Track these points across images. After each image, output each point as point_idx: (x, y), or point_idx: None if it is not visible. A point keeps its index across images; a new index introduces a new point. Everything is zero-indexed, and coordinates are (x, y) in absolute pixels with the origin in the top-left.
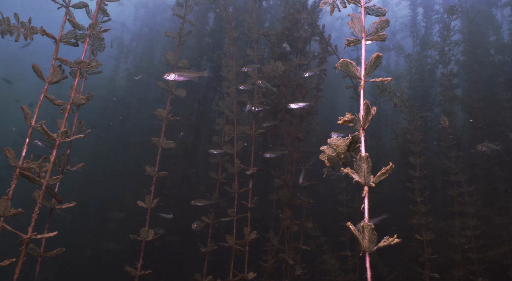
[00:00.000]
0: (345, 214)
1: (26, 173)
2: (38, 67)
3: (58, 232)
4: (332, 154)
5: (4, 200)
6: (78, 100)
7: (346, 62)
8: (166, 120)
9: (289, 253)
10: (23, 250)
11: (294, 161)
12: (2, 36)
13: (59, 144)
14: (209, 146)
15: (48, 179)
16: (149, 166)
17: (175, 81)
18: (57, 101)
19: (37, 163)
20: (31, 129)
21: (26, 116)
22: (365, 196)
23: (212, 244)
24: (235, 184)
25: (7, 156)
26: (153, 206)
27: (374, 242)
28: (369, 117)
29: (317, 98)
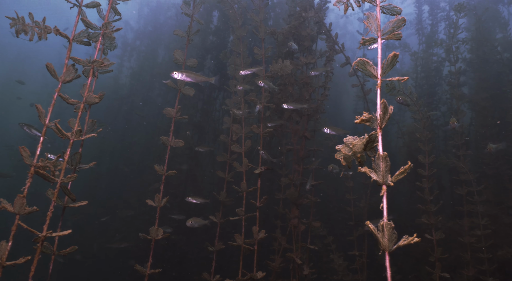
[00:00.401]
0: (352, 213)
1: (41, 171)
2: (51, 66)
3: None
4: (348, 153)
5: (19, 198)
6: (91, 99)
7: (363, 61)
8: (175, 118)
9: (296, 253)
10: (38, 248)
11: (301, 160)
12: (17, 35)
13: (72, 143)
14: (213, 145)
15: (62, 177)
16: (158, 165)
17: (183, 80)
18: (70, 100)
19: (52, 161)
20: (45, 127)
21: (40, 114)
22: (383, 195)
23: (220, 243)
24: (243, 183)
25: (22, 155)
26: (162, 205)
27: (393, 241)
28: (387, 116)
29: (324, 96)
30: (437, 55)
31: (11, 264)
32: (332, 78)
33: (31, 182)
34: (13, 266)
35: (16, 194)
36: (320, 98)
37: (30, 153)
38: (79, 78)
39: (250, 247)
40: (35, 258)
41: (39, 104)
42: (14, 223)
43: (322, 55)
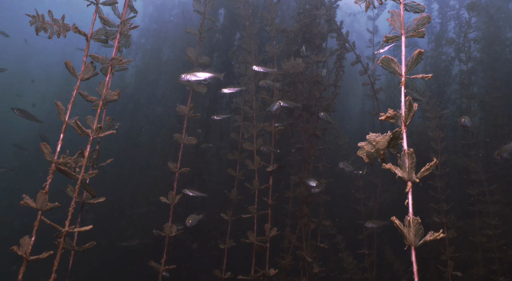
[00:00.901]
0: (362, 212)
1: (63, 167)
2: (70, 64)
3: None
4: (371, 150)
5: (41, 194)
6: (110, 96)
7: (388, 58)
8: (188, 116)
9: (306, 251)
10: (61, 242)
11: (311, 159)
12: (36, 33)
13: (93, 141)
14: (220, 143)
15: (83, 173)
16: (172, 162)
17: (192, 81)
18: (90, 97)
19: (73, 158)
20: (65, 124)
21: (60, 112)
22: (409, 191)
23: (231, 240)
24: (255, 181)
25: (43, 151)
26: (175, 202)
27: (420, 236)
28: (411, 113)
29: (335, 95)
30: (446, 54)
31: (34, 259)
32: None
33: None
34: (36, 261)
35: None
36: (331, 97)
37: (51, 150)
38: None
39: (262, 244)
40: (58, 253)
41: (41, 102)
42: (37, 218)
43: (333, 53)
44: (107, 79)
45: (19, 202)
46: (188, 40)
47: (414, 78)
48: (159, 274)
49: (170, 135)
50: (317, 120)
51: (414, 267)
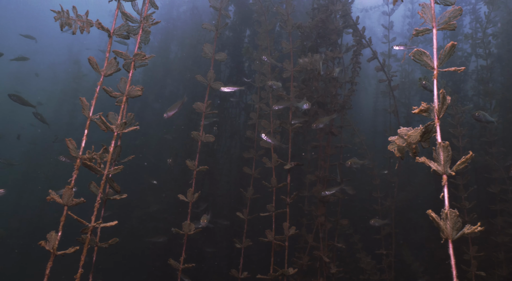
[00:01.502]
0: (379, 211)
1: (88, 163)
2: (94, 60)
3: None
4: (402, 144)
5: (68, 189)
6: (134, 92)
7: (420, 51)
8: (205, 113)
9: (323, 251)
10: (87, 238)
11: (328, 157)
12: (61, 28)
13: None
14: (231, 142)
15: (108, 169)
16: (190, 160)
17: (213, 75)
18: (113, 93)
19: (99, 153)
20: (89, 120)
21: (84, 107)
22: (445, 185)
23: (247, 240)
24: (273, 179)
25: (69, 147)
26: (194, 200)
27: (458, 229)
28: (445, 106)
29: (351, 92)
30: (462, 50)
31: (61, 254)
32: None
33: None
34: (63, 256)
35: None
36: (347, 94)
37: (76, 145)
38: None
39: (281, 243)
40: (84, 248)
41: (48, 101)
42: (63, 214)
43: (349, 49)
44: (130, 75)
45: (46, 197)
46: (198, 37)
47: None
48: (178, 272)
49: (180, 134)
50: (333, 118)
51: (452, 261)
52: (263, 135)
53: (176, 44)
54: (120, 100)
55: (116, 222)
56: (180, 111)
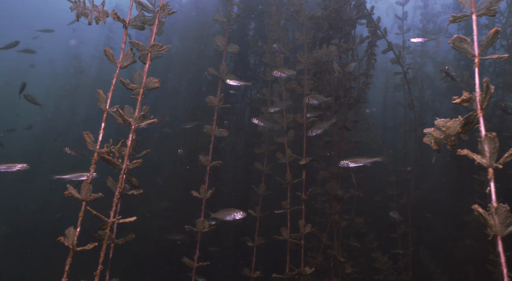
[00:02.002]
0: (396, 209)
1: (107, 156)
2: (110, 51)
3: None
4: (439, 136)
5: (86, 184)
6: (151, 83)
7: (460, 38)
8: (218, 107)
9: (338, 250)
10: (106, 233)
11: (342, 153)
12: (77, 19)
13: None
14: (235, 138)
15: (127, 163)
16: (203, 155)
17: (226, 68)
18: (130, 85)
19: (117, 147)
20: (106, 113)
21: (101, 100)
22: (491, 178)
23: (260, 238)
24: (288, 174)
25: (86, 140)
26: (208, 197)
27: (507, 224)
28: (488, 96)
29: (366, 85)
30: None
31: (80, 250)
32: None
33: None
34: (82, 252)
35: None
36: (362, 87)
37: (93, 139)
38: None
39: (297, 242)
40: (103, 244)
41: (48, 97)
42: (81, 209)
43: (363, 40)
44: (147, 66)
45: (64, 192)
46: (202, 30)
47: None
48: (192, 271)
49: (184, 129)
50: (347, 112)
51: (501, 258)
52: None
53: (178, 37)
54: (137, 93)
55: (135, 217)
56: (187, 107)
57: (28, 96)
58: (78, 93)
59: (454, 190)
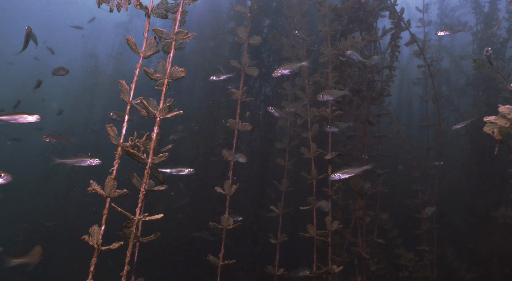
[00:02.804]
0: (420, 205)
1: (132, 150)
2: (132, 40)
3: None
4: (504, 125)
5: (110, 180)
6: (177, 73)
7: None
8: (240, 100)
9: (362, 247)
10: (132, 232)
11: (365, 148)
12: (98, 5)
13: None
14: (251, 135)
15: (152, 157)
16: (227, 150)
17: (248, 60)
18: (155, 75)
19: (141, 140)
20: (129, 105)
21: (124, 91)
22: None
23: (283, 235)
24: (313, 170)
25: (110, 134)
26: (232, 193)
27: None
28: None
29: (389, 78)
30: (497, 36)
31: (105, 249)
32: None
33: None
34: (107, 251)
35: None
36: (385, 80)
37: (117, 132)
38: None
39: (324, 239)
40: (130, 243)
41: (65, 96)
42: (105, 206)
43: (386, 32)
44: (171, 55)
45: (87, 188)
46: (216, 28)
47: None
48: (217, 269)
49: (200, 126)
50: (369, 106)
51: None
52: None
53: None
54: (161, 83)
55: (162, 214)
56: (202, 105)
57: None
58: (95, 92)
59: (476, 185)
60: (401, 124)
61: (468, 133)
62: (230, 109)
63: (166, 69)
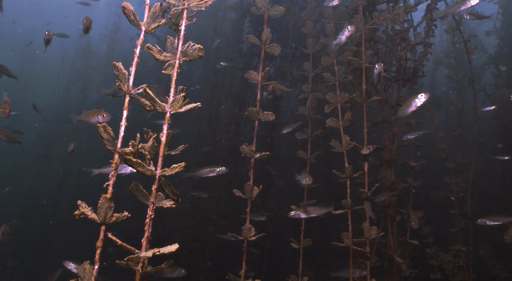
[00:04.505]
0: (455, 199)
1: (134, 159)
2: (130, 8)
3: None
4: None
5: (105, 200)
6: (193, 51)
7: None
8: (261, 84)
9: (393, 249)
10: (138, 273)
11: (395, 136)
12: None
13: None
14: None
15: (162, 168)
16: (246, 145)
17: (270, 34)
18: (162, 55)
19: (147, 145)
20: (128, 96)
21: (121, 78)
22: None
23: (307, 239)
24: (348, 167)
25: (103, 136)
26: (253, 197)
27: None
28: None
29: (424, 56)
30: None
31: None
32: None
33: None
34: None
35: None
36: (419, 58)
37: (113, 134)
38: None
39: (363, 249)
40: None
41: (57, 78)
42: (100, 236)
43: (418, 3)
44: (183, 26)
45: (74, 212)
46: (217, 4)
47: None
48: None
49: (201, 110)
50: (401, 88)
51: None
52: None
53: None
54: (171, 65)
55: (177, 245)
56: (203, 86)
57: (1, 67)
58: (88, 75)
59: (504, 177)
60: (433, 109)
61: (498, 117)
62: (233, 91)
63: (176, 47)
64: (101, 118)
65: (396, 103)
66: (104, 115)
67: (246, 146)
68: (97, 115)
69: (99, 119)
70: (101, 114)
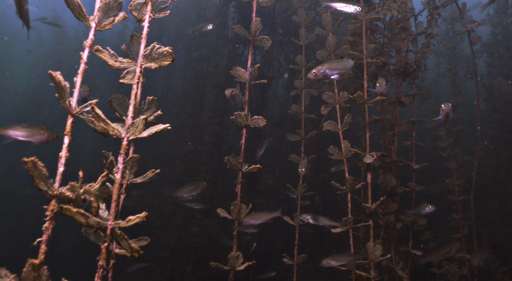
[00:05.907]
0: (458, 203)
1: (74, 209)
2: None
3: None
4: None
5: (33, 268)
6: (158, 56)
7: None
8: (249, 83)
9: (394, 261)
10: None
11: (395, 136)
12: None
13: None
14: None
15: (115, 220)
16: (233, 156)
17: (260, 25)
18: (117, 61)
19: (93, 188)
20: (71, 118)
21: (62, 93)
22: None
23: (302, 256)
24: (349, 178)
25: (32, 175)
26: (241, 219)
27: None
28: None
29: (426, 48)
30: None
31: None
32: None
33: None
34: None
35: None
36: (421, 50)
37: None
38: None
39: (367, 275)
40: None
41: (33, 64)
42: None
43: None
44: (147, 23)
45: None
46: None
47: None
48: None
49: (183, 101)
50: (401, 83)
51: None
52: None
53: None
54: (131, 72)
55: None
56: (186, 74)
57: None
58: (63, 62)
59: (504, 177)
60: (434, 105)
61: (496, 110)
62: (218, 81)
63: (137, 51)
64: (39, 138)
65: (396, 99)
66: (46, 134)
67: (233, 157)
68: (35, 133)
69: (36, 138)
70: (40, 132)
